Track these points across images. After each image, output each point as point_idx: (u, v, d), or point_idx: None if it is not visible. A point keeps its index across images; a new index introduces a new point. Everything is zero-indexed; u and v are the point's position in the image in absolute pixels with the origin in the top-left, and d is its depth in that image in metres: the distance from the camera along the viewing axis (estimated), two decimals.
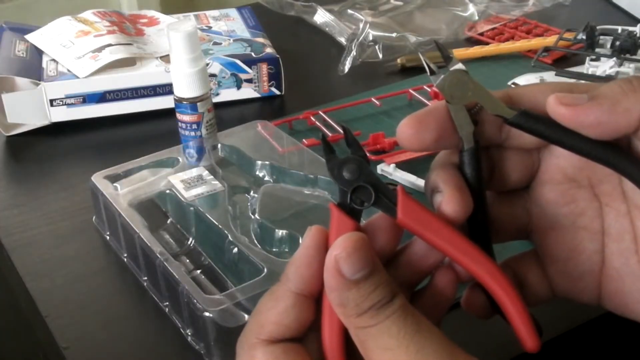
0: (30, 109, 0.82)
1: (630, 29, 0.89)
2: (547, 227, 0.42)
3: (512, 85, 0.86)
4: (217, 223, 0.61)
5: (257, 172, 0.69)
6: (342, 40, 0.99)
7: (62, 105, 0.82)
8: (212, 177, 0.66)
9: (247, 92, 0.87)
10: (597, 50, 0.88)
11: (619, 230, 0.40)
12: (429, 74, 0.40)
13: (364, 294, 0.35)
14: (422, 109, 0.39)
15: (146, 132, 0.84)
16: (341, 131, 0.77)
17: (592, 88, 0.38)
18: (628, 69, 0.83)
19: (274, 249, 0.60)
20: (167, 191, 0.66)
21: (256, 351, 0.38)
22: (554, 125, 0.38)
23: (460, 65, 0.40)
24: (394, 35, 0.98)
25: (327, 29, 1.03)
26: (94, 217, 0.69)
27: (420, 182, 0.69)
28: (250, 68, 0.86)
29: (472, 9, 1.04)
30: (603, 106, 0.36)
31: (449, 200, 0.38)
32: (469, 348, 0.54)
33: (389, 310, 0.35)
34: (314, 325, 0.38)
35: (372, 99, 0.83)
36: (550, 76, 0.86)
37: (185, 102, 0.69)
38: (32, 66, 0.85)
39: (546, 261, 0.42)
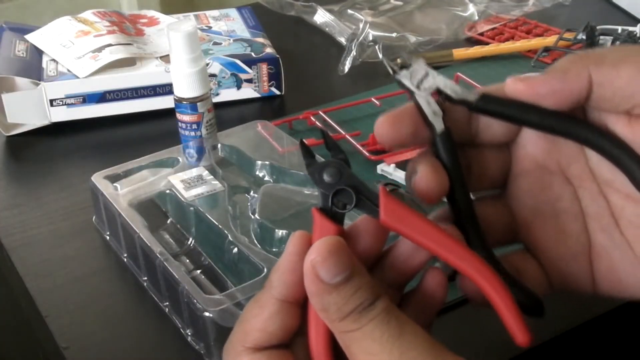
0: (30, 109, 0.82)
1: (630, 29, 0.89)
2: (530, 218, 0.42)
3: None
4: (217, 223, 0.61)
5: (257, 172, 0.69)
6: (342, 40, 0.99)
7: (62, 105, 0.82)
8: (212, 177, 0.66)
9: (247, 92, 0.87)
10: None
11: (596, 209, 0.41)
12: (391, 73, 0.41)
13: (344, 297, 0.35)
14: (397, 108, 0.41)
15: (146, 132, 0.84)
16: (341, 131, 0.78)
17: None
18: None
19: (274, 249, 0.60)
20: (167, 191, 0.66)
21: (242, 359, 0.38)
22: (515, 105, 0.40)
23: (421, 62, 0.41)
24: (394, 35, 0.98)
25: (327, 29, 1.03)
26: (94, 217, 0.69)
27: None
28: (250, 68, 0.86)
29: (472, 9, 1.04)
30: (555, 76, 0.39)
31: (422, 177, 0.39)
32: (469, 348, 0.54)
33: (372, 313, 0.35)
34: (301, 330, 0.38)
35: (372, 99, 0.83)
36: None
37: (185, 102, 0.69)
38: (32, 66, 0.85)
39: (537, 252, 0.43)
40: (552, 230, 0.42)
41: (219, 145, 0.71)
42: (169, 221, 0.66)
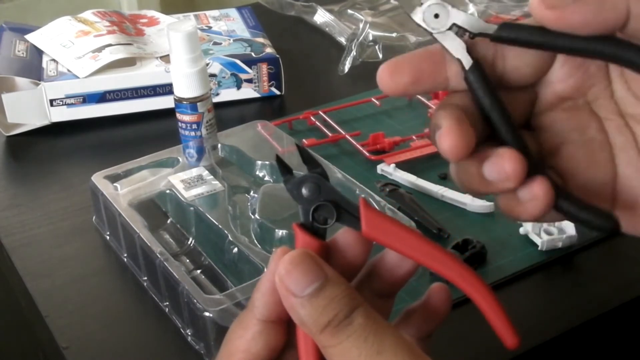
0: (30, 109, 0.82)
1: None
2: (560, 144, 0.41)
3: None
4: (217, 223, 0.61)
5: (257, 172, 0.69)
6: (342, 40, 0.99)
7: (62, 105, 0.82)
8: (212, 177, 0.66)
9: (247, 92, 0.87)
10: None
11: (623, 141, 0.40)
12: (408, 15, 0.39)
13: (317, 309, 0.35)
14: (400, 55, 0.39)
15: (146, 132, 0.84)
16: (341, 131, 0.78)
17: None
18: None
19: (274, 249, 0.60)
20: (167, 191, 0.66)
21: None
22: (540, 31, 0.37)
23: None
24: (394, 35, 0.98)
25: (327, 29, 1.03)
26: (94, 217, 0.69)
27: (421, 182, 0.69)
28: (250, 68, 0.86)
29: (472, 9, 1.04)
30: (590, 5, 0.36)
31: (446, 132, 0.36)
32: (469, 347, 0.54)
33: (349, 329, 0.34)
34: (291, 343, 0.38)
35: (372, 99, 0.83)
36: None
37: (185, 102, 0.69)
38: (32, 66, 0.85)
39: (566, 177, 0.41)
40: (581, 157, 0.41)
41: (219, 145, 0.71)
42: (169, 221, 0.66)
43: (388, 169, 0.72)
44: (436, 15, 0.38)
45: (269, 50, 0.88)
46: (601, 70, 0.40)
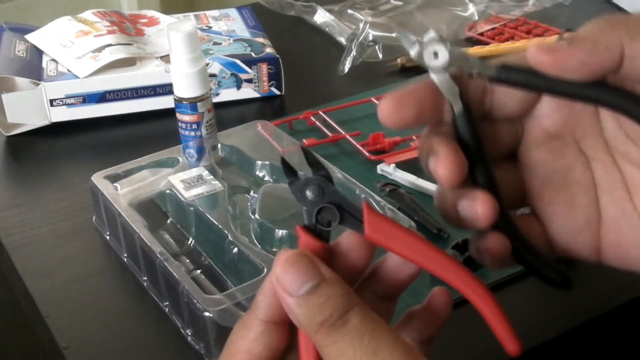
0: (30, 109, 0.82)
1: None
2: (540, 187, 0.42)
3: None
4: (217, 223, 0.61)
5: (257, 172, 0.69)
6: (342, 40, 0.99)
7: (62, 105, 0.82)
8: (212, 177, 0.66)
9: (247, 92, 0.87)
10: None
11: (609, 181, 0.41)
12: (406, 49, 0.39)
13: (312, 308, 0.35)
14: (402, 87, 0.39)
15: (146, 132, 0.84)
16: (341, 131, 0.78)
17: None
18: None
19: (274, 249, 0.60)
20: (167, 191, 0.66)
21: None
22: (537, 74, 0.38)
23: (433, 34, 0.39)
24: (394, 35, 0.98)
25: (327, 29, 1.03)
26: (94, 217, 0.69)
27: (420, 182, 0.69)
28: (250, 68, 0.86)
29: (472, 9, 1.04)
30: (585, 47, 0.37)
31: (443, 160, 0.37)
32: (468, 348, 0.54)
33: (344, 329, 0.34)
34: (293, 345, 0.38)
35: (372, 99, 0.83)
36: None
37: (185, 102, 0.69)
38: (32, 66, 0.85)
39: (544, 220, 0.42)
40: (561, 201, 0.41)
41: (219, 145, 0.71)
42: (169, 221, 0.66)
43: (388, 169, 0.72)
44: (435, 55, 0.39)
45: (269, 50, 0.88)
46: (588, 108, 0.41)
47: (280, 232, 0.60)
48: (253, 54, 0.86)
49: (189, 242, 0.64)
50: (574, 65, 0.37)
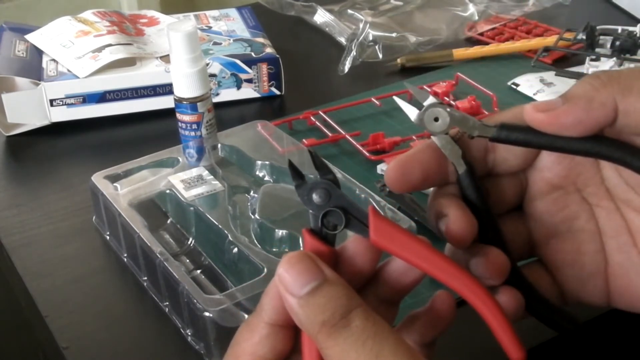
0: (30, 109, 0.82)
1: (630, 29, 0.89)
2: (547, 237, 0.43)
3: (513, 86, 0.86)
4: (217, 223, 0.61)
5: (257, 172, 0.69)
6: (342, 40, 0.99)
7: (62, 105, 0.82)
8: (212, 177, 0.66)
9: (247, 92, 0.87)
10: (597, 50, 0.88)
11: (613, 227, 0.42)
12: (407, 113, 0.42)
13: (314, 308, 0.35)
14: (407, 152, 0.41)
15: (146, 132, 0.84)
16: (341, 131, 0.78)
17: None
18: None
19: (274, 249, 0.60)
20: (167, 191, 0.66)
21: None
22: (535, 132, 0.39)
23: (432, 99, 0.41)
24: (394, 35, 0.98)
25: (327, 29, 1.03)
26: (94, 217, 0.69)
27: None
28: (250, 68, 0.86)
29: (472, 9, 1.04)
30: (579, 105, 0.38)
31: (454, 222, 0.39)
32: (468, 348, 0.54)
33: (347, 331, 0.34)
34: (297, 348, 0.38)
35: (372, 99, 0.83)
36: (550, 76, 0.86)
37: (185, 102, 0.69)
38: (32, 66, 0.85)
39: (553, 269, 0.43)
40: (569, 250, 0.42)
41: (219, 145, 0.71)
42: (169, 221, 0.66)
43: None
44: (436, 119, 0.40)
45: (269, 50, 0.88)
46: (588, 159, 0.42)
47: (280, 232, 0.60)
48: (253, 54, 0.86)
49: (189, 242, 0.64)
50: (570, 123, 0.38)
